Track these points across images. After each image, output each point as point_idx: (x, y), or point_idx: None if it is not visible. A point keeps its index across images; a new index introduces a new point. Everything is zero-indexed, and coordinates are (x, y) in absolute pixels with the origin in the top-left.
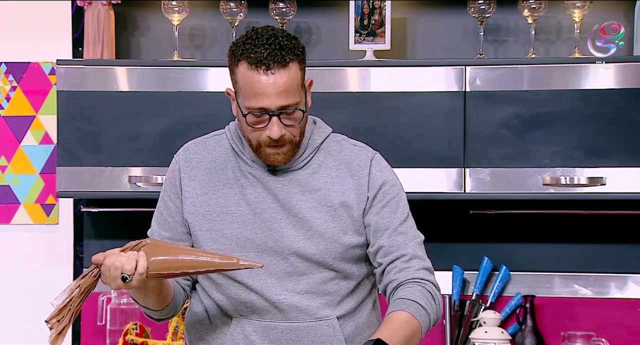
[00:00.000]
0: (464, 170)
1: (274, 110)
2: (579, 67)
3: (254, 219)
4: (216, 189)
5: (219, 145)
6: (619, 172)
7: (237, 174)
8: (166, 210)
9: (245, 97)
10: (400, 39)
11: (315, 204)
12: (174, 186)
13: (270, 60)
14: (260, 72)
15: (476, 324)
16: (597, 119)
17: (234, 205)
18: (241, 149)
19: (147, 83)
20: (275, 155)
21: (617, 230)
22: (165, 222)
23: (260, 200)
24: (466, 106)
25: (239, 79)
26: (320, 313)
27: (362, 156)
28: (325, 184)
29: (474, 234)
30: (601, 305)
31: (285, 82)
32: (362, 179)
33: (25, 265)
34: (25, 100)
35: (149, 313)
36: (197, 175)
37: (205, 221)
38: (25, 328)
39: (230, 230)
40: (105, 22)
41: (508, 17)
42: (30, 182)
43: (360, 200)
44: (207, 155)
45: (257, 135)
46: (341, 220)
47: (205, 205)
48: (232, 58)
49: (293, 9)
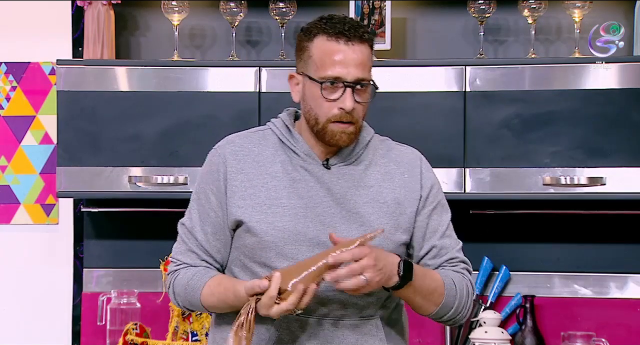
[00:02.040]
0: (464, 170)
1: (350, 80)
2: (579, 67)
3: (305, 212)
4: (265, 181)
5: (264, 140)
6: (619, 172)
7: (288, 167)
8: (208, 204)
9: (322, 67)
10: (400, 39)
11: (368, 199)
12: (217, 180)
13: (350, 33)
14: (340, 42)
15: (476, 324)
16: (597, 119)
17: (284, 198)
18: (293, 142)
19: (147, 83)
20: (342, 134)
21: (617, 230)
22: (207, 216)
23: (312, 194)
24: (466, 106)
25: (314, 52)
26: (366, 312)
27: (411, 155)
28: (377, 180)
29: (474, 234)
30: (601, 305)
31: (363, 55)
32: (414, 177)
33: (26, 266)
34: (25, 100)
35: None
36: (244, 168)
37: (255, 213)
38: (26, 328)
39: (282, 223)
40: (105, 22)
41: (508, 17)
42: (30, 182)
43: (413, 198)
44: (253, 149)
45: (328, 109)
46: (393, 217)
47: (254, 198)
48: (306, 36)
49: (293, 9)
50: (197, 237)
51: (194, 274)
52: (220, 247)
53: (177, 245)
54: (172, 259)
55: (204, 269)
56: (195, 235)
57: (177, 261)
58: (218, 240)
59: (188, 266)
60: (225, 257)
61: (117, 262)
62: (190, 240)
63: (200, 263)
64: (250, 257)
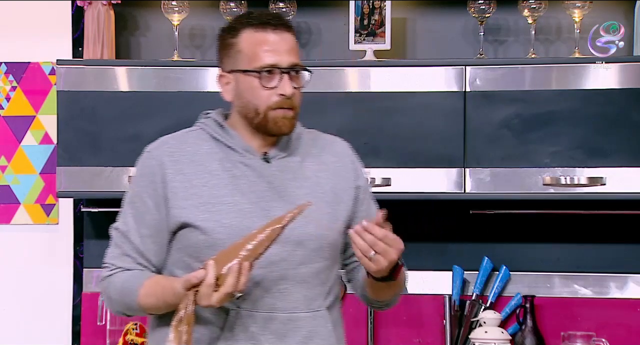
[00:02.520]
0: (464, 170)
1: (285, 66)
2: (579, 67)
3: (251, 208)
4: (205, 180)
5: (198, 139)
6: (619, 172)
7: (227, 164)
8: (144, 207)
9: (255, 58)
10: (400, 39)
11: (308, 191)
12: (152, 182)
13: (275, 21)
14: (268, 31)
15: (476, 324)
16: (597, 119)
17: (227, 196)
18: (229, 138)
19: (147, 83)
20: (284, 120)
21: (617, 230)
22: (143, 219)
23: (255, 189)
24: (466, 106)
25: (244, 46)
26: (314, 304)
27: (340, 144)
28: (313, 171)
29: (474, 234)
30: (601, 305)
31: (292, 41)
32: (347, 167)
33: (25, 266)
34: (25, 100)
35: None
36: (182, 168)
37: (199, 212)
38: (26, 328)
39: (228, 220)
40: (105, 22)
41: (508, 17)
42: (30, 182)
43: (349, 187)
44: (188, 149)
45: (267, 98)
46: (333, 206)
47: (197, 198)
48: (230, 33)
49: (293, 8)
50: (133, 240)
51: (129, 277)
52: (156, 249)
53: (110, 250)
54: (106, 264)
55: (139, 271)
56: (131, 238)
57: (111, 266)
58: (154, 243)
59: (123, 270)
60: (161, 260)
61: None
62: (125, 244)
63: (135, 266)
64: (196, 256)
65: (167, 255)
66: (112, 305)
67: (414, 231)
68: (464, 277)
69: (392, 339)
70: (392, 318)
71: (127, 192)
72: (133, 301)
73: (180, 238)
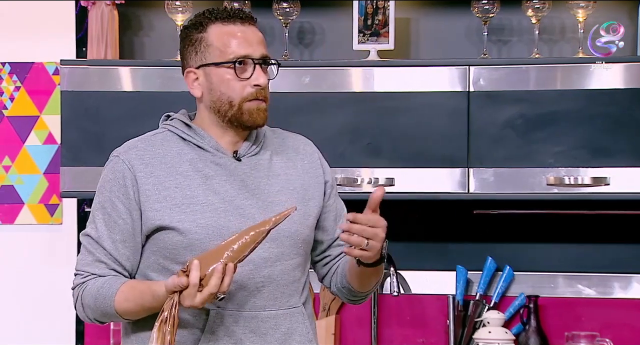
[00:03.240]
0: (468, 170)
1: (258, 57)
2: (582, 67)
3: (225, 206)
4: (177, 182)
5: (165, 141)
6: (623, 172)
7: (198, 165)
8: (115, 212)
9: (227, 50)
10: (403, 39)
11: (279, 187)
12: (123, 186)
13: (242, 15)
14: (237, 24)
15: (480, 324)
16: (601, 119)
17: (201, 196)
18: (199, 139)
19: (151, 83)
20: (258, 111)
21: (621, 230)
22: (115, 224)
23: (227, 188)
24: (470, 106)
25: (214, 39)
26: (292, 300)
27: (303, 140)
28: (282, 168)
29: (477, 234)
30: (605, 305)
31: (260, 34)
32: (314, 163)
33: (29, 265)
34: (29, 100)
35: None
36: (153, 171)
37: (174, 213)
38: (29, 328)
39: (204, 220)
40: (109, 22)
41: (512, 17)
42: (34, 182)
43: (318, 183)
44: (158, 151)
45: (241, 89)
46: (304, 202)
47: (171, 199)
48: (196, 28)
49: (297, 9)
50: (105, 246)
51: (104, 283)
52: (129, 254)
53: (82, 258)
54: (78, 272)
55: (113, 277)
56: (103, 244)
57: (84, 273)
58: (127, 247)
59: (96, 276)
60: (134, 265)
61: None
62: (97, 250)
63: (108, 272)
64: (172, 258)
65: (141, 259)
66: (85, 313)
67: (418, 231)
68: (468, 277)
69: (396, 339)
70: (395, 318)
71: (96, 198)
72: (109, 307)
73: (155, 241)
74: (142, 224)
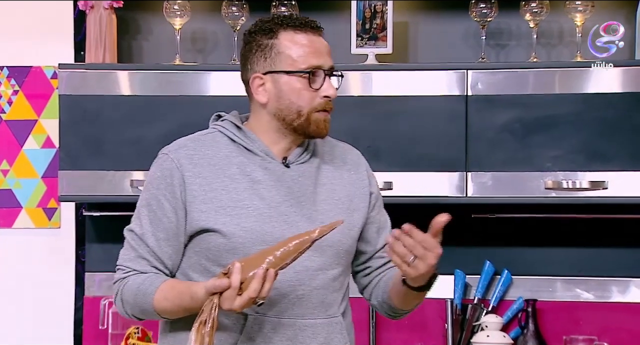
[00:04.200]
0: (466, 174)
1: (327, 69)
2: (580, 71)
3: (269, 212)
4: (224, 184)
5: (215, 142)
6: (621, 176)
7: (246, 168)
8: (160, 210)
9: (300, 58)
10: (402, 43)
11: (324, 197)
12: (170, 185)
13: (313, 24)
14: (309, 33)
15: (478, 328)
16: (598, 123)
17: (247, 200)
18: (249, 142)
19: (149, 87)
20: (325, 122)
21: (619, 234)
22: (159, 222)
23: (273, 194)
24: (468, 110)
25: (285, 47)
26: (331, 310)
27: (353, 152)
28: (329, 178)
29: (475, 238)
30: (603, 309)
31: (327, 44)
32: (361, 174)
33: (27, 270)
34: (27, 104)
35: (166, 316)
36: (201, 172)
37: (220, 216)
38: (27, 332)
39: (248, 224)
40: (107, 26)
41: (510, 21)
42: (32, 186)
43: (363, 194)
44: (207, 152)
45: (311, 99)
46: (348, 213)
47: (217, 201)
48: (265, 34)
49: (295, 13)
50: (149, 243)
51: (144, 280)
52: (171, 253)
53: (125, 252)
54: (120, 267)
55: (154, 274)
56: (147, 241)
57: (125, 268)
58: (170, 246)
59: (138, 273)
60: (176, 263)
61: None
62: (140, 246)
63: (150, 269)
64: (214, 260)
65: (183, 258)
66: (124, 308)
67: None
68: (466, 281)
69: (394, 343)
70: (394, 322)
71: (142, 194)
72: (148, 305)
73: (199, 241)
74: (187, 224)
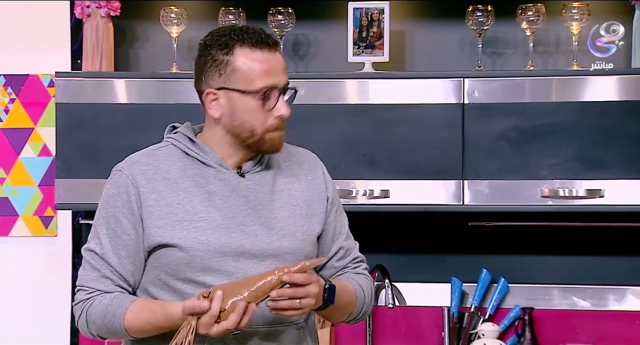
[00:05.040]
0: (463, 182)
1: (282, 87)
2: (577, 79)
3: (226, 223)
4: (179, 198)
5: (169, 155)
6: (618, 184)
7: (201, 180)
8: (120, 228)
9: (254, 78)
10: (398, 51)
11: (282, 203)
12: (128, 202)
13: (269, 40)
14: (265, 51)
15: (475, 336)
16: (595, 131)
17: (203, 212)
18: (202, 154)
19: (146, 95)
20: (279, 139)
21: (616, 242)
22: (120, 240)
23: (230, 204)
24: (464, 118)
25: (240, 65)
26: (292, 317)
27: (308, 156)
28: (286, 184)
29: (472, 246)
30: (600, 317)
31: (283, 60)
32: (318, 179)
33: (24, 278)
34: (23, 113)
35: (136, 335)
36: (156, 187)
37: (176, 230)
38: (24, 340)
39: (205, 237)
40: (104, 34)
41: (506, 29)
42: (29, 194)
43: (321, 199)
44: (161, 166)
45: (264, 119)
46: (306, 218)
47: (173, 215)
48: (220, 49)
49: (292, 21)
50: (111, 262)
51: (112, 300)
52: (134, 270)
53: (85, 273)
54: (82, 288)
55: (120, 294)
56: (108, 260)
57: (88, 289)
58: (132, 263)
59: (102, 293)
60: (137, 280)
61: None
62: (102, 266)
63: (114, 289)
64: (174, 274)
65: (143, 274)
66: (89, 329)
67: (413, 243)
68: (463, 289)
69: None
70: (390, 330)
71: (98, 212)
72: (118, 325)
73: (157, 256)
74: (144, 240)
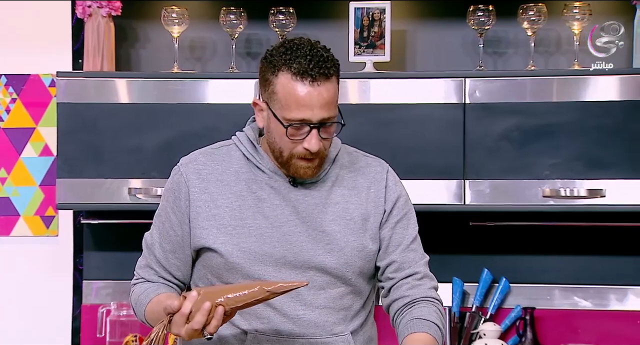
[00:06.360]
0: (464, 182)
1: (315, 122)
2: (578, 79)
3: (272, 232)
4: (229, 201)
5: (228, 156)
6: (619, 184)
7: (253, 186)
8: (168, 222)
9: (286, 108)
10: (399, 51)
11: (334, 217)
12: (177, 199)
13: (315, 71)
14: (306, 83)
15: (476, 336)
16: (596, 131)
17: (249, 218)
18: (259, 159)
19: (147, 95)
20: (306, 169)
21: (617, 242)
22: (166, 234)
23: (278, 213)
24: (466, 118)
25: (279, 89)
26: (336, 328)
27: (377, 168)
28: (343, 196)
29: (473, 246)
30: (601, 317)
31: (329, 95)
32: (380, 192)
33: (25, 278)
34: (25, 112)
35: None
36: (208, 187)
37: (220, 234)
38: (25, 340)
39: (247, 244)
40: (105, 34)
41: (507, 29)
42: (30, 194)
43: (377, 212)
44: (217, 167)
45: (292, 147)
46: (360, 233)
47: (219, 219)
48: (269, 67)
49: (293, 21)
50: (156, 254)
51: (145, 290)
52: (179, 265)
53: (140, 259)
54: (134, 273)
55: (156, 285)
56: (154, 251)
57: (136, 275)
58: (177, 258)
59: (145, 281)
60: (186, 274)
61: (117, 274)
62: (149, 256)
63: (157, 279)
64: (217, 276)
65: (194, 270)
66: (135, 312)
67: None
68: (464, 289)
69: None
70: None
71: (160, 202)
72: (142, 315)
73: (204, 257)
74: (191, 239)
